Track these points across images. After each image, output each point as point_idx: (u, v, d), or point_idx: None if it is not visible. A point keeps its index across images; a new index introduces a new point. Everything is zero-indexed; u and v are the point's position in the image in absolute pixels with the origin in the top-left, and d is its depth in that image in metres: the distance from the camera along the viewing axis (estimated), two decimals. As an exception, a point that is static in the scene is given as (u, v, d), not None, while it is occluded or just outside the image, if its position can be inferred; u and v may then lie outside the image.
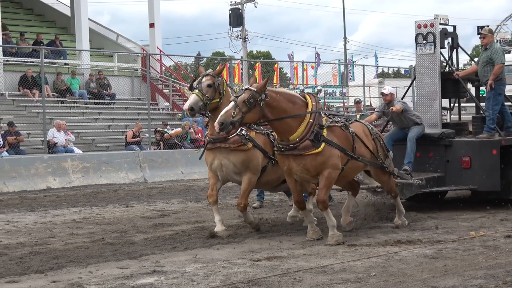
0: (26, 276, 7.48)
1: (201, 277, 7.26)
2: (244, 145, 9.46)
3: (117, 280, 7.19)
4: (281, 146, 8.92)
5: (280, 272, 7.40)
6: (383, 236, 9.54)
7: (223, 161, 9.55)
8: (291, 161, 8.93)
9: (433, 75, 12.68)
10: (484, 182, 11.73)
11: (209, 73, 9.55)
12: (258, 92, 8.53)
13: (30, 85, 23.01)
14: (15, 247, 9.25)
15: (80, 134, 22.34)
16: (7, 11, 28.13)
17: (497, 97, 12.07)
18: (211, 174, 9.86)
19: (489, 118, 12.02)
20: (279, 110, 8.72)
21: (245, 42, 43.04)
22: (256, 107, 8.52)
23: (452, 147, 12.01)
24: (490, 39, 12.29)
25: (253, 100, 8.48)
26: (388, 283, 6.88)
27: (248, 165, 9.54)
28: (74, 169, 18.06)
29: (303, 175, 9.04)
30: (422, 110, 12.73)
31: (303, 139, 8.76)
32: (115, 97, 25.78)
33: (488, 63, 12.11)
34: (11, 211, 13.29)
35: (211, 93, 9.37)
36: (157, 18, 29.25)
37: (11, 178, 16.85)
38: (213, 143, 9.58)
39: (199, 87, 9.37)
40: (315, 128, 8.83)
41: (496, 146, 11.78)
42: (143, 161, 19.25)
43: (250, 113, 8.50)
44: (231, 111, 8.40)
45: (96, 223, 11.47)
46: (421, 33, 12.75)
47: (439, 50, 12.69)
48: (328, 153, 8.88)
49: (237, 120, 8.41)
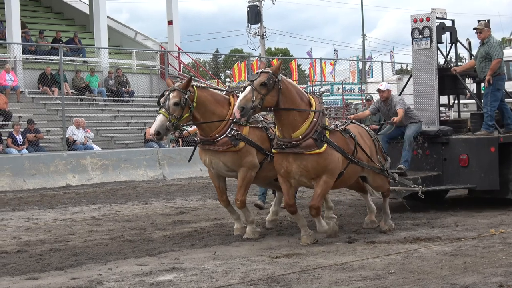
0: (46, 273, 7.54)
1: (220, 274, 7.26)
2: (234, 147, 9.02)
3: (136, 277, 7.22)
4: (282, 143, 8.53)
5: (299, 269, 7.40)
6: (402, 233, 9.51)
7: (213, 160, 9.24)
8: (291, 162, 8.55)
9: (429, 71, 12.31)
10: (482, 181, 11.36)
11: (176, 88, 8.87)
12: (275, 74, 8.30)
13: (49, 83, 23.14)
14: (35, 244, 9.31)
15: (99, 131, 22.45)
16: (27, 9, 28.33)
17: (496, 93, 11.64)
18: (212, 175, 9.57)
19: (487, 115, 11.60)
20: (290, 101, 8.46)
21: (263, 39, 43.01)
22: (274, 89, 8.27)
23: (449, 145, 11.65)
24: (487, 34, 11.76)
25: (272, 81, 8.23)
26: (407, 280, 6.86)
27: (240, 162, 9.12)
28: (93, 166, 18.15)
29: (301, 178, 8.64)
30: (419, 107, 12.39)
31: (307, 137, 8.45)
32: (134, 94, 25.85)
33: (485, 58, 11.69)
34: (31, 208, 13.39)
35: (178, 111, 8.76)
36: (176, 16, 29.31)
37: (31, 176, 16.98)
38: (202, 144, 9.28)
39: (165, 106, 8.78)
40: (318, 127, 8.54)
41: (494, 143, 11.39)
42: (162, 158, 19.31)
43: (269, 95, 8.23)
44: (250, 95, 8.12)
45: (115, 220, 11.52)
46: (417, 28, 12.38)
47: (435, 45, 12.30)
48: (329, 156, 8.57)
49: (258, 104, 8.15)
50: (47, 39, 26.06)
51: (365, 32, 60.65)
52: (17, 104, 21.74)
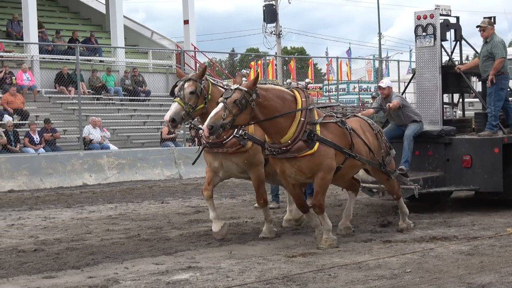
0: (62, 271, 7.58)
1: (236, 273, 7.29)
2: (243, 147, 8.85)
3: (152, 276, 7.25)
4: (273, 149, 8.26)
5: (315, 268, 7.41)
6: (419, 232, 9.50)
7: (224, 162, 9.01)
8: (284, 163, 8.30)
9: (433, 69, 12.09)
10: (485, 182, 11.10)
11: (191, 78, 8.79)
12: (249, 92, 7.86)
13: (66, 82, 23.26)
14: (52, 243, 9.37)
15: (115, 130, 22.55)
16: (43, 9, 28.48)
17: (499, 92, 11.39)
18: (209, 169, 9.34)
19: (491, 115, 11.37)
20: (270, 109, 8.06)
21: (279, 38, 42.97)
22: (247, 108, 7.87)
23: (452, 145, 11.39)
24: (490, 32, 11.52)
25: (245, 101, 7.81)
26: (424, 279, 6.86)
27: (251, 161, 8.96)
28: (110, 165, 18.24)
29: (297, 177, 8.42)
30: (422, 105, 12.20)
31: (296, 140, 8.13)
32: (150, 93, 25.93)
33: (488, 57, 11.48)
34: (48, 207, 13.48)
35: (194, 100, 8.65)
36: (191, 15, 29.40)
37: (48, 175, 17.09)
38: (210, 148, 9.01)
39: (180, 95, 8.67)
40: (307, 127, 8.18)
41: (498, 144, 11.11)
42: (178, 157, 19.34)
43: (241, 114, 7.84)
44: (221, 113, 7.75)
45: (131, 219, 11.57)
46: (421, 25, 12.14)
47: (439, 42, 12.08)
48: (323, 153, 8.25)
49: (227, 123, 7.78)
50: (64, 39, 26.19)
51: (381, 31, 60.49)
52: (34, 104, 21.89)
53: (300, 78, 37.95)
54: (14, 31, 25.59)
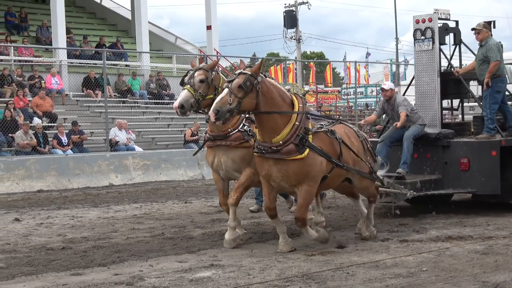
0: (89, 269, 7.70)
1: (257, 271, 7.37)
2: (246, 142, 8.64)
3: (176, 273, 7.35)
4: (263, 147, 8.04)
5: (333, 267, 7.48)
6: (435, 232, 9.55)
7: (222, 158, 8.75)
8: (271, 166, 8.05)
9: (431, 72, 12.01)
10: (483, 185, 10.96)
11: (201, 67, 8.74)
12: (254, 76, 7.77)
13: (93, 86, 23.56)
14: (79, 241, 9.51)
15: (140, 133, 22.80)
16: (71, 15, 28.88)
17: (495, 95, 11.27)
18: (216, 177, 9.11)
19: (488, 118, 11.25)
20: (271, 103, 7.94)
21: (299, 43, 43.14)
22: (253, 91, 7.75)
23: (450, 148, 11.28)
24: (485, 35, 11.37)
25: (250, 84, 7.71)
26: (440, 278, 6.93)
27: (249, 160, 8.66)
28: (135, 166, 18.48)
29: (282, 183, 8.15)
30: (421, 109, 12.04)
31: (287, 143, 7.95)
32: (174, 97, 26.10)
33: (484, 60, 11.33)
34: (76, 206, 13.64)
35: (203, 88, 8.57)
36: (214, 21, 29.63)
37: (75, 175, 17.38)
38: (213, 140, 8.80)
39: (190, 82, 8.61)
40: (300, 131, 8.01)
41: (496, 147, 10.98)
42: (201, 158, 19.40)
43: (247, 98, 7.72)
44: (227, 98, 7.62)
45: (156, 219, 11.69)
46: (419, 29, 12.06)
47: (438, 46, 11.99)
48: (311, 161, 8.04)
49: (234, 107, 7.65)
50: (91, 44, 26.48)
51: (398, 36, 60.36)
52: (62, 107, 22.24)
53: (319, 82, 37.88)
54: (43, 37, 26.04)
